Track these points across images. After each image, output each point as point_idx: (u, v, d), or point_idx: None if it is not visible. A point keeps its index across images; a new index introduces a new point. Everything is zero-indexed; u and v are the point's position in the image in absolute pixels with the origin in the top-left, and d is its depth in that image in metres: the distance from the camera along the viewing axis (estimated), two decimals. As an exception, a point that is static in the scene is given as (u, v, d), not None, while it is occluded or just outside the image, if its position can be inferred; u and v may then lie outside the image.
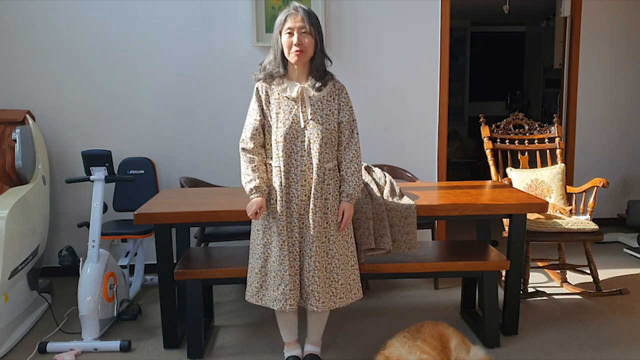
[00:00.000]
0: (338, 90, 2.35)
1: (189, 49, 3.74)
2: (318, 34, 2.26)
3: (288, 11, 2.24)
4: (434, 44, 3.89)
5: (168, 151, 3.81)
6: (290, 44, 2.21)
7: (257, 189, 2.26)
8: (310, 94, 2.29)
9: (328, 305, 2.31)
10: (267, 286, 2.35)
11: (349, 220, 2.33)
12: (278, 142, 2.27)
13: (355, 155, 2.34)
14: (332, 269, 2.32)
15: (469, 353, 2.38)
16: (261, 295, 2.37)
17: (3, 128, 3.20)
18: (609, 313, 3.11)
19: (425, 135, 3.98)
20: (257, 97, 2.32)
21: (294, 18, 2.21)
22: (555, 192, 3.48)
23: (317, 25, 2.26)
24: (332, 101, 2.32)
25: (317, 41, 2.26)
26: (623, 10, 4.54)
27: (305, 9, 2.24)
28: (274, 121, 2.28)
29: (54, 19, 3.62)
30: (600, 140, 4.69)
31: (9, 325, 2.76)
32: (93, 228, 2.87)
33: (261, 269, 2.35)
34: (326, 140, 2.28)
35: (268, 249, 2.33)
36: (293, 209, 2.28)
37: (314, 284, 2.28)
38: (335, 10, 3.78)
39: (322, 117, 2.28)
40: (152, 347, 2.78)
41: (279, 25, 2.25)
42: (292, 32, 2.21)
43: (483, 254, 2.78)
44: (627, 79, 4.65)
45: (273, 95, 2.30)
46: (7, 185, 3.06)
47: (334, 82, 2.34)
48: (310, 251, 2.28)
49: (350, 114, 2.35)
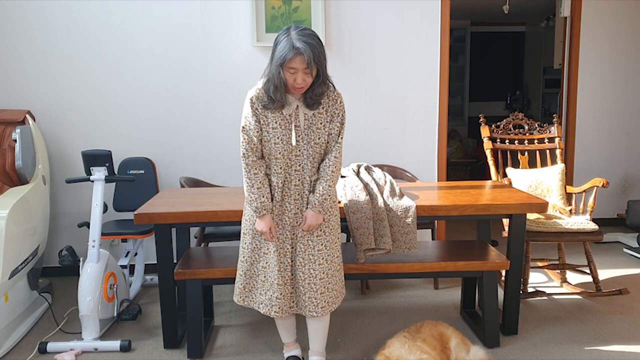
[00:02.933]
0: (332, 101, 2.26)
1: (189, 48, 3.74)
2: (321, 67, 2.14)
3: (294, 50, 2.05)
4: (434, 44, 3.89)
5: (168, 151, 3.81)
6: (294, 81, 2.12)
7: (263, 207, 2.25)
8: (305, 111, 2.24)
9: (327, 308, 2.32)
10: (251, 289, 2.37)
11: (310, 228, 2.27)
12: (277, 159, 2.25)
13: (336, 159, 2.29)
14: (330, 274, 2.32)
15: (469, 353, 2.38)
16: (244, 297, 2.39)
17: (3, 128, 3.20)
18: (609, 313, 3.11)
19: (425, 135, 3.98)
20: (252, 109, 2.22)
21: (300, 59, 2.06)
22: (555, 192, 3.48)
23: (320, 59, 2.10)
24: (325, 113, 2.26)
25: (318, 73, 2.15)
26: (623, 10, 4.54)
27: (310, 48, 2.06)
28: (271, 136, 2.23)
29: (54, 19, 3.62)
30: (600, 140, 4.69)
31: (9, 325, 2.76)
32: (93, 228, 2.87)
33: (247, 271, 2.36)
34: (315, 155, 2.27)
35: (256, 254, 2.34)
36: (285, 222, 2.29)
37: (311, 290, 2.29)
38: (335, 10, 3.78)
39: (313, 132, 2.24)
40: (152, 347, 2.78)
41: (282, 60, 2.07)
42: (295, 72, 2.10)
43: (483, 254, 2.79)
44: (627, 78, 4.65)
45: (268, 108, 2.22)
46: (7, 185, 3.06)
47: (328, 92, 2.25)
48: (304, 260, 2.29)
49: (341, 125, 2.28)
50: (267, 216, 2.26)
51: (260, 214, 2.26)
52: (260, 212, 2.25)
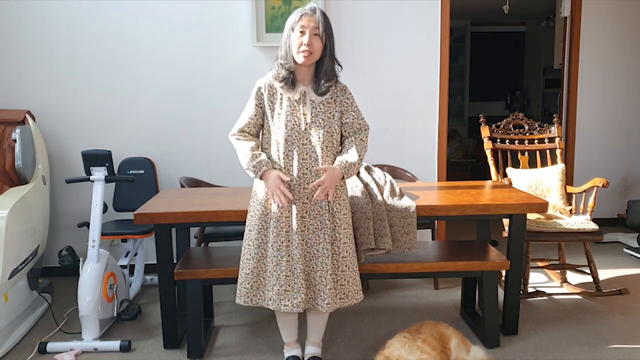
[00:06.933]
0: (340, 92, 2.32)
1: (189, 48, 3.74)
2: (329, 39, 2.24)
3: (304, 10, 2.22)
4: (434, 43, 3.89)
5: (168, 151, 3.81)
6: (300, 44, 2.19)
7: (261, 163, 2.23)
8: (312, 97, 2.28)
9: (332, 305, 2.29)
10: (259, 287, 2.33)
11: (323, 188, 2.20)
12: (279, 144, 2.26)
13: (362, 141, 2.32)
14: (342, 269, 2.31)
15: (469, 353, 2.38)
16: (252, 296, 2.34)
17: (3, 128, 3.20)
18: (609, 313, 3.11)
19: (425, 135, 3.98)
20: (256, 96, 2.31)
21: (309, 18, 2.19)
22: (555, 192, 3.48)
23: (330, 30, 2.24)
24: (333, 103, 2.30)
25: (326, 45, 2.23)
26: (623, 10, 4.54)
27: (321, 12, 2.22)
28: (275, 122, 2.27)
29: (54, 19, 3.62)
30: (600, 140, 4.69)
31: (9, 325, 2.76)
32: (93, 228, 2.87)
33: (253, 269, 2.33)
34: (327, 144, 2.28)
35: (263, 249, 2.31)
36: (292, 211, 2.27)
37: (321, 284, 2.27)
38: (335, 10, 3.78)
39: (323, 120, 2.27)
40: (152, 347, 2.78)
41: (292, 22, 2.22)
42: (304, 31, 2.19)
43: (483, 254, 2.78)
44: (627, 78, 4.65)
45: (275, 95, 2.29)
46: (7, 185, 3.06)
47: (336, 83, 2.32)
48: (318, 252, 2.27)
49: (356, 115, 2.34)
50: (271, 172, 2.22)
51: (260, 170, 2.23)
52: (260, 168, 2.22)
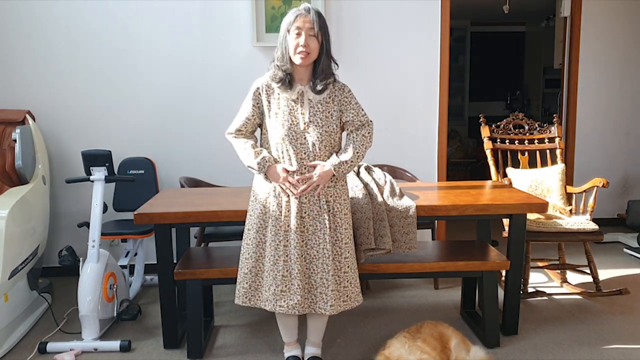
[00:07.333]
0: (338, 91, 2.32)
1: (189, 49, 3.74)
2: (325, 37, 2.24)
3: (298, 11, 2.22)
4: (434, 43, 3.89)
5: (168, 151, 3.81)
6: (297, 45, 2.20)
7: (264, 160, 2.25)
8: (310, 96, 2.28)
9: (336, 307, 2.28)
10: (257, 287, 2.33)
11: (310, 186, 2.23)
12: (277, 144, 2.27)
13: (364, 137, 2.32)
14: (344, 270, 2.30)
15: (469, 353, 2.38)
16: (249, 296, 2.34)
17: (3, 128, 3.20)
18: (609, 313, 3.11)
19: (425, 135, 3.98)
20: (254, 96, 2.32)
21: (304, 19, 2.20)
22: (555, 192, 3.48)
23: (325, 28, 2.25)
24: (332, 102, 2.30)
25: (322, 44, 2.24)
26: (623, 10, 4.54)
27: (316, 11, 2.23)
28: (273, 121, 2.27)
29: (54, 19, 3.62)
30: (600, 140, 4.69)
31: (9, 325, 2.76)
32: (93, 228, 2.87)
33: (252, 269, 2.33)
34: (325, 143, 2.28)
35: (261, 249, 2.31)
36: (291, 211, 2.27)
37: (323, 286, 2.27)
38: (335, 10, 3.78)
39: (321, 120, 2.27)
40: (152, 347, 2.78)
41: (287, 24, 2.23)
42: (300, 32, 2.20)
43: (483, 254, 2.78)
44: (627, 78, 4.65)
45: (273, 95, 2.30)
46: (7, 185, 3.06)
47: (334, 83, 2.32)
48: (318, 253, 2.27)
49: (356, 112, 2.33)
50: (275, 166, 2.25)
51: (265, 166, 2.25)
52: (264, 164, 2.25)
